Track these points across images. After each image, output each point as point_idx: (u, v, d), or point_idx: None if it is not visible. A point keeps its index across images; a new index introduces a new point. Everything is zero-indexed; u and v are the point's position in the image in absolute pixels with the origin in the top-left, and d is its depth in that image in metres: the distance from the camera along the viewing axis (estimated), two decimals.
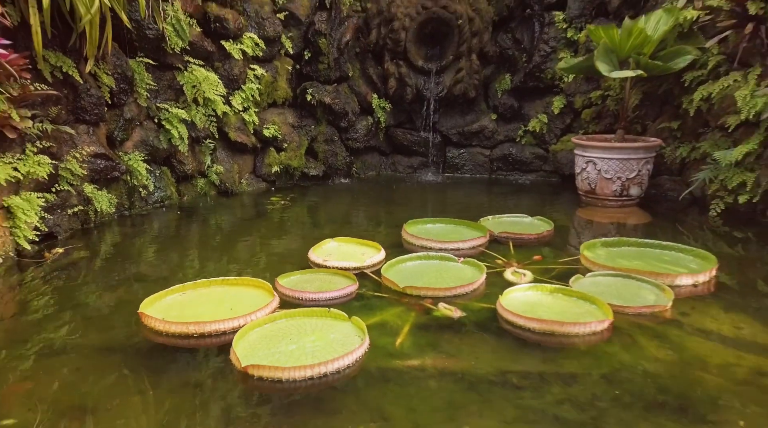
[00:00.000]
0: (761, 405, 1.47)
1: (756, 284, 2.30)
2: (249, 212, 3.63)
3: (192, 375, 1.59)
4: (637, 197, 3.53)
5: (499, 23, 4.42)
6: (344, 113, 4.40)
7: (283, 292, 2.08)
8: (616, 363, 1.66)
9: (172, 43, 3.33)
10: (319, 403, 1.45)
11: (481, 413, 1.42)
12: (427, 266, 2.35)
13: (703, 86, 3.27)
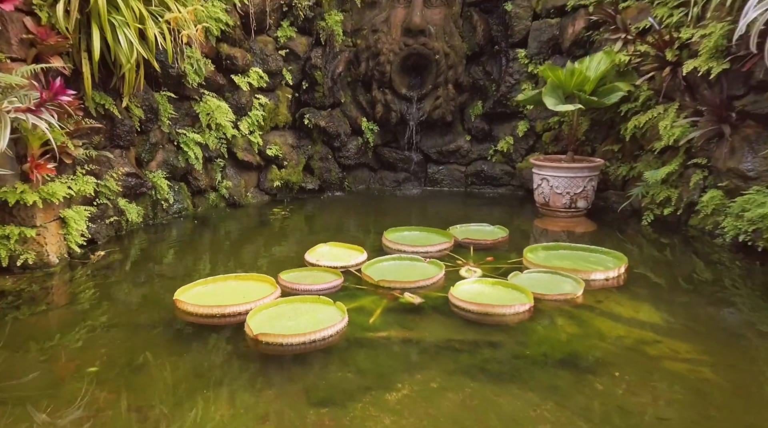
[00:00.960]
0: (634, 364, 1.99)
1: (659, 279, 2.84)
2: (254, 221, 4.16)
3: (217, 342, 2.11)
4: (584, 209, 4.07)
5: (471, 58, 4.99)
6: (337, 134, 4.95)
7: (284, 284, 2.60)
8: (533, 335, 2.19)
9: (190, 79, 3.87)
10: (309, 360, 1.98)
11: (429, 367, 1.94)
12: (400, 265, 2.88)
13: (635, 116, 3.83)
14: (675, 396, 1.77)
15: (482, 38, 4.90)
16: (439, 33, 4.79)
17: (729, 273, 2.94)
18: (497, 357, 2.02)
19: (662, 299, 2.59)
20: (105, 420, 1.62)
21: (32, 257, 2.75)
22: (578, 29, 4.34)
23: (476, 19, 4.90)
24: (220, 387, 1.80)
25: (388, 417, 1.64)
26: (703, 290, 2.70)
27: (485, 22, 4.90)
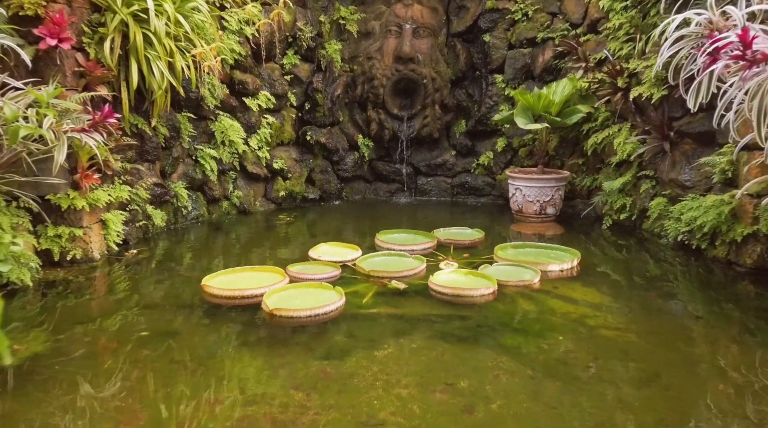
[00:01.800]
0: (575, 331, 2.47)
1: (608, 271, 3.34)
2: (262, 226, 4.64)
3: (239, 316, 2.59)
4: (553, 215, 4.58)
5: (455, 82, 5.54)
6: (336, 149, 5.47)
7: (292, 274, 3.08)
8: (496, 311, 2.67)
9: (208, 102, 4.39)
10: (313, 329, 2.45)
11: (410, 333, 2.42)
12: (389, 260, 3.36)
13: (595, 134, 4.36)
14: (603, 352, 2.26)
15: (464, 65, 5.46)
16: (426, 60, 5.34)
17: (669, 267, 3.44)
18: (465, 326, 2.50)
19: (608, 286, 3.08)
20: (153, 369, 2.09)
21: (79, 253, 3.23)
22: (547, 58, 4.89)
23: (459, 48, 5.46)
24: (243, 346, 2.28)
25: (377, 366, 2.11)
26: (644, 280, 3.19)
27: (467, 51, 5.46)
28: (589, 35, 4.55)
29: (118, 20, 3.33)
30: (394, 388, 1.95)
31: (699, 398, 1.92)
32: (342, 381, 2.00)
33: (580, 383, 2.00)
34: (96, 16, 3.44)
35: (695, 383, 2.02)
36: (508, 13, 5.17)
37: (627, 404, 1.85)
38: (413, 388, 1.94)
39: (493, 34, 5.26)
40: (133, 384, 1.97)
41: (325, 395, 1.89)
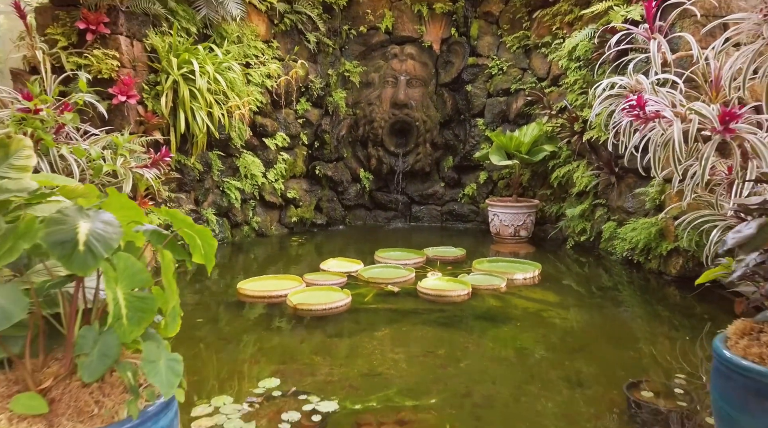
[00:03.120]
0: (531, 320, 3.17)
1: (565, 280, 4.06)
2: (278, 247, 5.37)
3: (269, 310, 3.29)
4: (525, 237, 5.32)
5: (443, 124, 6.38)
6: (341, 181, 6.25)
7: (307, 281, 3.79)
8: (469, 306, 3.38)
9: (234, 142, 5.19)
10: (327, 318, 3.15)
11: (401, 321, 3.12)
12: (385, 270, 4.08)
13: (559, 169, 5.15)
14: (549, 333, 2.96)
15: (451, 110, 6.31)
16: (418, 106, 6.19)
17: (615, 277, 4.16)
18: (444, 316, 3.21)
19: (562, 290, 3.79)
20: (209, 343, 2.79)
21: None
22: (519, 105, 5.74)
23: (446, 96, 6.33)
24: (274, 328, 2.98)
25: (375, 341, 2.81)
26: (593, 287, 3.91)
27: (453, 98, 6.32)
28: (553, 88, 5.40)
29: (171, 80, 4.17)
30: (388, 354, 2.64)
31: (613, 360, 2.62)
32: (349, 349, 2.70)
33: (528, 351, 2.70)
34: (152, 76, 4.28)
35: (613, 353, 2.72)
36: (487, 68, 6.06)
37: (559, 363, 2.55)
38: (402, 354, 2.64)
39: (474, 85, 6.13)
40: (197, 351, 2.67)
41: (337, 358, 2.59)
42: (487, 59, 6.08)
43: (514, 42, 5.81)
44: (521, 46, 5.78)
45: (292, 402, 2.13)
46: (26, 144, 1.73)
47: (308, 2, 5.74)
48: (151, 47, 4.25)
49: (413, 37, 6.20)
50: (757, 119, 2.74)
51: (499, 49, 6.02)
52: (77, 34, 3.87)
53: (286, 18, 5.63)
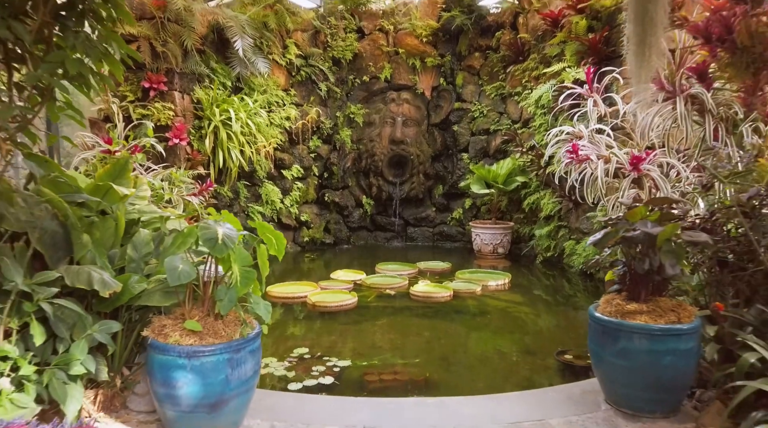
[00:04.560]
0: (499, 313, 4.03)
1: (531, 286, 4.91)
2: (293, 262, 6.22)
3: (292, 307, 4.14)
4: (502, 254, 6.19)
5: (434, 157, 7.32)
6: (346, 206, 7.15)
7: (322, 286, 4.63)
8: (450, 304, 4.23)
9: (258, 174, 6.11)
10: (338, 313, 4.00)
11: (396, 315, 3.97)
12: (384, 279, 4.93)
13: (529, 197, 6.06)
14: (511, 322, 3.81)
15: (441, 146, 7.27)
16: (413, 142, 7.14)
17: (573, 285, 5.02)
18: (430, 311, 4.05)
19: (526, 293, 4.65)
20: None
21: None
22: (497, 143, 6.69)
23: (437, 134, 7.30)
24: (299, 319, 3.83)
25: (377, 327, 3.65)
26: (552, 292, 4.77)
27: (442, 136, 7.29)
28: (524, 129, 6.36)
29: (212, 125, 5.12)
30: (386, 335, 3.49)
31: (554, 339, 3.46)
32: (357, 333, 3.55)
33: (493, 333, 3.55)
34: (197, 122, 5.23)
35: (556, 334, 3.57)
36: (470, 111, 7.04)
37: (516, 341, 3.40)
38: (397, 335, 3.49)
39: (460, 126, 7.10)
40: None
41: (347, 338, 3.43)
42: (470, 104, 7.06)
43: (492, 91, 6.81)
44: (498, 94, 6.77)
45: (317, 361, 2.97)
46: (143, 181, 2.67)
47: (320, 57, 6.76)
48: (197, 99, 5.22)
49: (408, 85, 7.20)
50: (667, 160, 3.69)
51: (480, 96, 7.01)
52: (142, 90, 4.83)
53: (302, 71, 6.64)
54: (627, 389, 2.19)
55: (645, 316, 2.17)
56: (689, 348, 2.12)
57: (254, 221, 2.43)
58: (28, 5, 2.12)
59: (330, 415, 2.21)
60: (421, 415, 2.22)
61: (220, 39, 5.50)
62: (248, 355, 2.02)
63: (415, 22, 6.87)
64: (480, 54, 6.92)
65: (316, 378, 2.76)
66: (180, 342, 1.91)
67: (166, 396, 1.92)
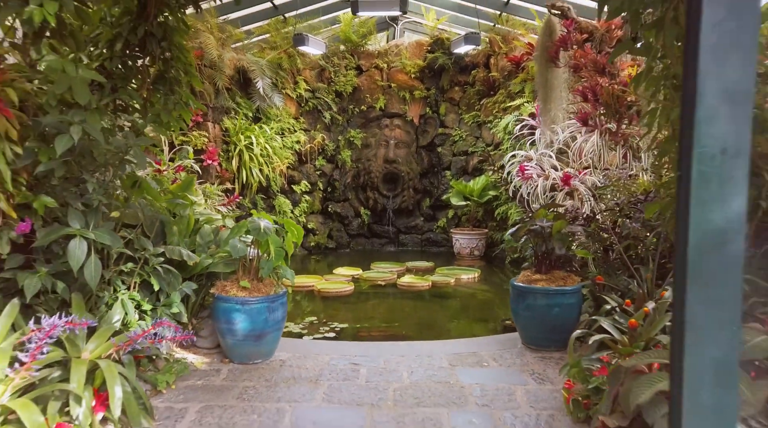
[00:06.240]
0: (468, 298, 5.03)
1: (496, 280, 5.90)
2: (300, 263, 7.22)
3: (303, 293, 5.13)
4: (478, 255, 7.18)
5: (422, 174, 8.36)
6: (346, 216, 8.16)
7: (326, 279, 5.63)
8: (428, 291, 5.21)
9: (273, 188, 7.15)
10: (338, 297, 5.00)
11: (385, 298, 4.96)
12: (377, 274, 5.92)
13: (500, 207, 7.06)
14: (477, 302, 4.80)
15: (427, 165, 8.32)
16: (404, 161, 8.19)
17: None
18: (413, 295, 5.04)
19: (491, 284, 5.64)
20: None
21: None
22: (475, 162, 7.73)
23: (424, 154, 8.35)
24: (308, 300, 4.83)
25: (369, 305, 4.65)
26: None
27: (429, 156, 8.34)
28: (496, 151, 7.40)
29: (238, 149, 6.17)
30: (377, 310, 4.48)
31: (503, 313, 4.45)
32: (354, 309, 4.54)
33: (458, 309, 4.54)
34: (224, 146, 6.29)
35: (505, 309, 4.55)
36: (451, 136, 8.10)
37: (475, 313, 4.39)
38: (384, 310, 4.48)
39: (443, 147, 8.16)
40: None
41: (345, 312, 4.42)
42: (451, 130, 8.13)
43: (469, 119, 7.87)
44: (474, 122, 7.84)
45: (323, 325, 3.96)
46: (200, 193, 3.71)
47: (325, 91, 7.85)
48: (225, 128, 6.29)
49: (400, 113, 8.28)
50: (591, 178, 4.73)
51: (460, 123, 8.08)
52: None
53: (310, 102, 7.73)
54: (532, 332, 3.18)
55: (544, 282, 3.17)
56: (572, 302, 3.11)
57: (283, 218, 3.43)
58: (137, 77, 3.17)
59: (332, 350, 3.20)
60: (395, 350, 3.21)
61: (244, 79, 6.59)
62: (279, 305, 3.02)
63: (405, 61, 7.97)
64: (459, 88, 8.01)
65: (322, 333, 3.75)
66: (236, 294, 2.92)
67: (227, 330, 2.92)
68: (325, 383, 2.69)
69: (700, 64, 0.65)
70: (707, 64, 0.65)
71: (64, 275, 2.38)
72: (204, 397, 2.52)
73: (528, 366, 2.93)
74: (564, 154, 5.48)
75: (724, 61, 0.66)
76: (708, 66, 0.65)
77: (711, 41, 0.65)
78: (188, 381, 2.70)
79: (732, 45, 0.65)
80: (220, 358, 3.05)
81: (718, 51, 0.65)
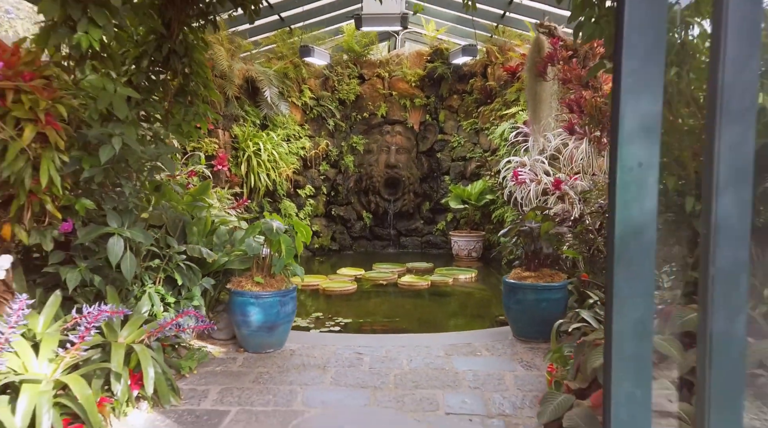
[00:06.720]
0: (466, 297, 5.28)
1: (491, 280, 6.15)
2: (305, 264, 7.46)
3: (309, 292, 5.39)
4: (476, 257, 7.42)
5: (422, 179, 8.63)
6: (349, 219, 8.42)
7: (331, 278, 5.88)
8: (428, 290, 5.47)
9: (279, 192, 7.41)
10: (342, 295, 5.25)
11: (386, 296, 5.22)
12: (379, 274, 6.17)
13: (497, 211, 7.32)
14: (475, 300, 5.05)
15: (427, 170, 8.58)
16: (404, 167, 8.45)
17: None
18: (413, 294, 5.29)
19: (487, 284, 5.88)
20: None
21: None
22: (472, 168, 7.99)
23: (424, 160, 8.62)
24: (314, 298, 5.08)
25: (371, 303, 4.90)
26: None
27: (428, 161, 8.61)
28: (492, 157, 7.66)
29: (246, 155, 6.45)
30: (379, 308, 4.74)
31: (497, 311, 4.69)
32: (356, 305, 4.79)
33: (455, 306, 4.79)
34: (234, 152, 6.56)
35: (499, 308, 4.80)
36: (450, 142, 8.37)
37: (472, 310, 4.64)
38: (385, 307, 4.73)
39: (442, 153, 8.43)
40: None
41: (349, 308, 4.67)
42: (450, 136, 8.40)
43: (467, 125, 8.14)
44: (472, 129, 8.11)
45: (328, 320, 4.21)
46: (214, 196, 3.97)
47: (329, 99, 8.14)
48: (234, 135, 6.57)
49: (400, 120, 8.55)
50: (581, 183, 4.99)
51: (458, 130, 8.35)
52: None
53: (315, 110, 8.01)
54: (522, 324, 3.43)
55: (533, 279, 3.43)
56: (558, 297, 3.36)
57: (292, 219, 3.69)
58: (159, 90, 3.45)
59: (338, 341, 3.45)
60: (395, 341, 3.46)
61: (253, 88, 6.87)
62: (290, 299, 3.28)
63: (405, 70, 8.26)
64: (458, 96, 8.29)
65: (328, 327, 4.00)
66: (251, 289, 3.18)
67: (243, 322, 3.17)
68: (332, 369, 2.94)
69: (621, 101, 0.92)
70: (626, 101, 0.92)
71: (99, 269, 2.64)
72: (223, 381, 2.77)
73: (517, 355, 3.18)
74: (556, 160, 5.75)
75: (637, 99, 0.92)
76: (627, 102, 0.92)
77: (629, 84, 0.91)
78: (208, 368, 2.95)
79: (644, 87, 0.91)
80: (236, 348, 3.30)
81: (634, 92, 0.92)
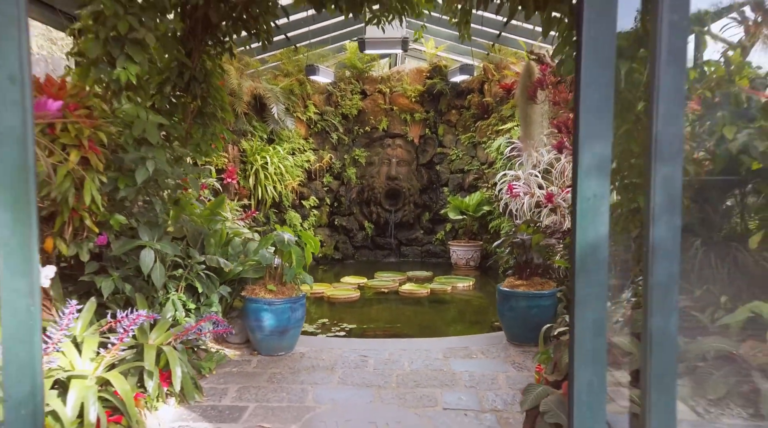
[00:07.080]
0: (464, 304, 5.53)
1: (488, 288, 6.40)
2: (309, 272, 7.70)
3: (315, 299, 5.63)
4: (474, 266, 7.67)
5: (422, 190, 8.90)
6: (351, 229, 8.68)
7: (334, 286, 6.13)
8: (427, 298, 5.72)
9: (284, 203, 7.69)
10: (346, 303, 5.50)
11: (388, 303, 5.46)
12: (381, 282, 6.42)
13: (494, 221, 7.58)
14: (472, 307, 5.30)
15: (426, 181, 8.86)
16: (405, 178, 8.73)
17: None
18: (413, 301, 5.54)
19: (484, 292, 6.13)
20: None
21: None
22: (470, 179, 8.27)
23: (423, 172, 8.90)
24: (319, 305, 5.33)
25: (373, 310, 5.14)
26: None
27: (428, 173, 8.89)
28: (489, 169, 7.94)
29: (254, 168, 6.73)
30: (381, 314, 4.98)
31: (493, 317, 4.94)
32: (360, 313, 5.03)
33: (453, 313, 5.03)
34: (242, 165, 6.85)
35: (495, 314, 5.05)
36: (449, 155, 8.66)
37: (471, 317, 4.88)
38: (387, 314, 4.98)
39: (441, 166, 8.71)
40: None
41: (352, 315, 4.92)
42: (449, 149, 8.69)
43: (465, 139, 8.44)
44: (470, 142, 8.40)
45: (333, 325, 4.46)
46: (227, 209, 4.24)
47: (332, 113, 8.44)
48: (243, 149, 6.85)
49: (401, 133, 8.85)
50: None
51: (457, 144, 8.65)
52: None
53: (319, 124, 8.31)
54: (515, 329, 3.68)
55: (524, 287, 3.68)
56: (548, 304, 3.62)
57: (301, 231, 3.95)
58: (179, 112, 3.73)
59: (343, 345, 3.70)
60: (396, 345, 3.70)
61: (260, 104, 7.17)
62: (299, 306, 3.53)
63: (406, 86, 8.57)
64: (456, 111, 8.59)
65: (334, 333, 4.24)
66: (264, 296, 3.43)
67: (256, 327, 3.42)
68: (339, 370, 3.19)
69: (579, 144, 1.19)
70: (583, 144, 1.19)
71: (128, 278, 2.90)
72: (240, 380, 3.02)
73: (510, 357, 3.42)
74: (549, 173, 6.03)
75: (592, 143, 1.19)
76: (584, 146, 1.19)
77: (585, 132, 1.19)
78: (225, 369, 3.20)
79: (597, 133, 1.18)
80: (250, 351, 3.55)
81: (589, 137, 1.19)
